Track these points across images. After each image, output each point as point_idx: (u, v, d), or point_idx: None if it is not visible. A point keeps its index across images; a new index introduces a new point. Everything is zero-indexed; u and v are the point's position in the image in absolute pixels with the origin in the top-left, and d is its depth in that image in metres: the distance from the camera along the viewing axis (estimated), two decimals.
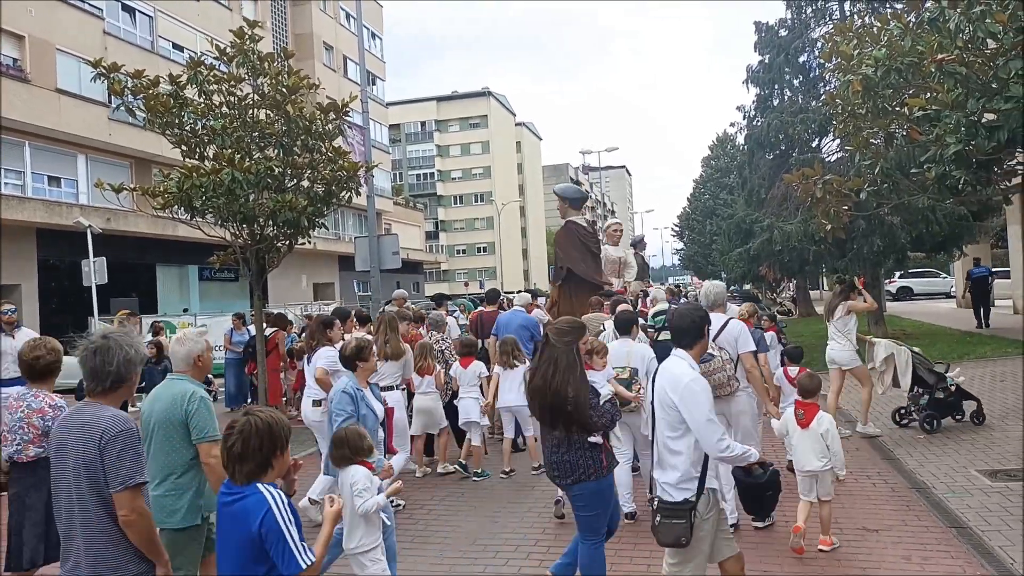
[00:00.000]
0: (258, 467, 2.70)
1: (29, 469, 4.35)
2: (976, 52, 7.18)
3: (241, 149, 9.97)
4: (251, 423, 2.70)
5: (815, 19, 21.25)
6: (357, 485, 4.06)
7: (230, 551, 2.67)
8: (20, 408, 4.37)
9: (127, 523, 2.88)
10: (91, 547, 2.91)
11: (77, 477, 2.91)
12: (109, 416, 2.93)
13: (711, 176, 59.45)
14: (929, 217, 14.86)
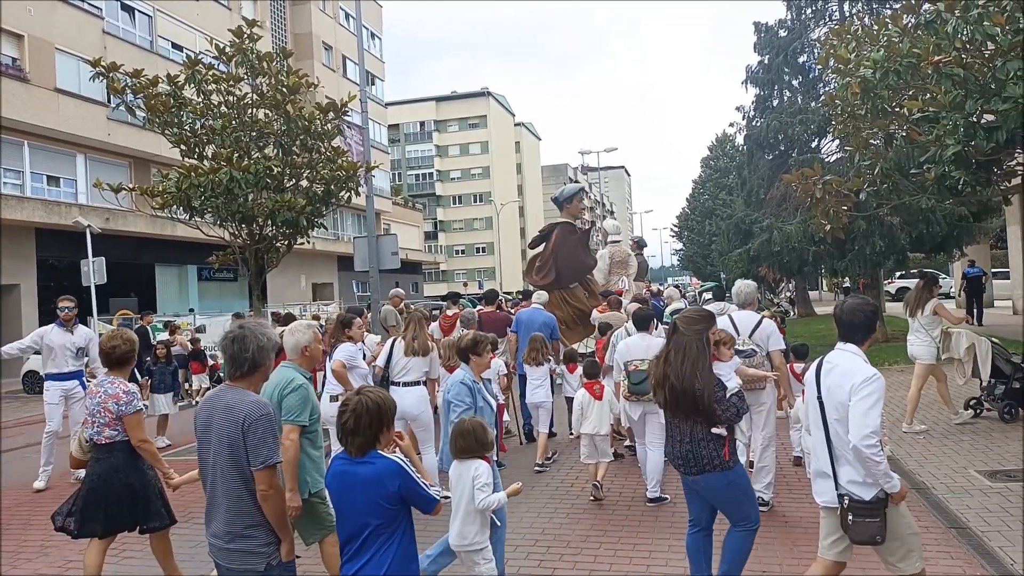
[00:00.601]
0: (367, 441, 3.10)
1: (105, 450, 4.70)
2: (974, 54, 7.20)
3: (240, 149, 9.98)
4: (362, 402, 3.10)
5: (814, 20, 21.28)
6: (480, 479, 4.01)
7: (361, 507, 3.08)
8: (99, 394, 4.72)
9: (264, 498, 3.18)
10: (230, 516, 3.24)
11: (219, 453, 3.22)
12: (251, 401, 3.23)
13: (710, 176, 59.54)
14: (929, 217, 14.87)
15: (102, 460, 4.71)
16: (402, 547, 3.13)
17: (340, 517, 3.19)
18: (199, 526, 6.60)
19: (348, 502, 3.14)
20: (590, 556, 5.40)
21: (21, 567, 5.78)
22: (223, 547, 3.27)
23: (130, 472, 4.73)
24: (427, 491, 3.14)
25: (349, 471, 3.12)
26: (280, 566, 3.28)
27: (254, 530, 3.23)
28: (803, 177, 9.58)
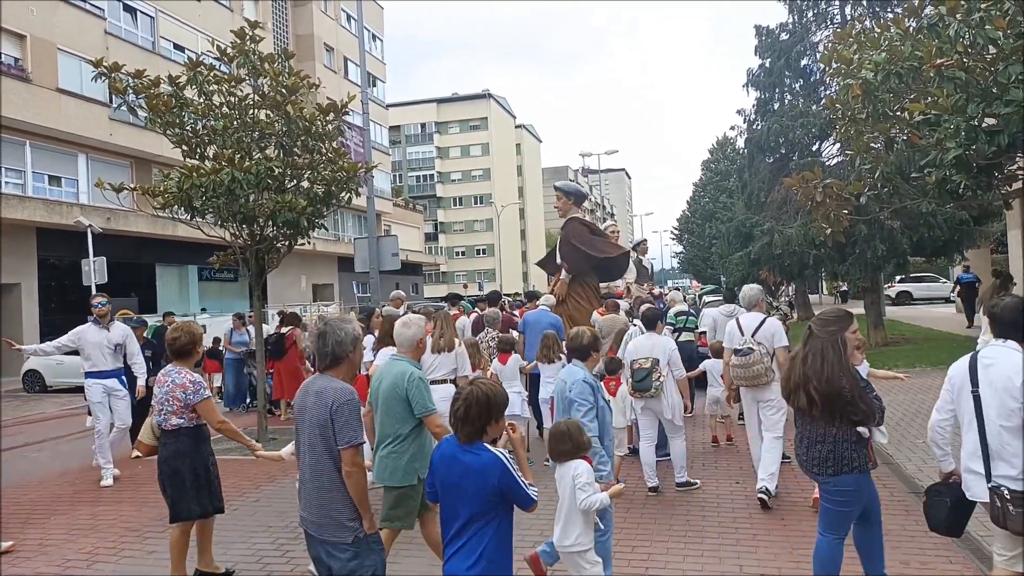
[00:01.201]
0: (475, 431, 3.24)
1: (172, 436, 4.98)
2: (976, 57, 7.20)
3: (241, 149, 9.97)
4: (473, 393, 3.25)
5: (816, 23, 21.29)
6: (581, 478, 4.00)
7: (465, 495, 3.21)
8: (166, 383, 4.98)
9: (348, 474, 3.48)
10: (320, 490, 3.53)
11: (312, 434, 3.53)
12: (338, 387, 3.54)
13: (711, 179, 59.56)
14: (929, 221, 14.88)
15: (168, 445, 5.00)
16: (496, 539, 3.23)
17: (441, 499, 3.37)
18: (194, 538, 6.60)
19: (450, 486, 3.29)
20: None
21: (20, 566, 5.78)
22: (315, 521, 3.56)
23: (194, 457, 5.01)
24: (527, 489, 3.23)
25: (456, 456, 3.28)
26: (366, 538, 3.54)
27: (342, 505, 3.50)
28: (804, 180, 9.57)
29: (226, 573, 5.31)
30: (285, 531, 6.30)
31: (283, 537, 6.18)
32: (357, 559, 3.50)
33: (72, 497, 7.92)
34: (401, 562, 5.49)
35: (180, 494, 4.98)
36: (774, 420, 6.60)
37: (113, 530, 6.62)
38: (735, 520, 6.09)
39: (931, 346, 16.88)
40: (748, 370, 6.49)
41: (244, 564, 5.58)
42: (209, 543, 5.24)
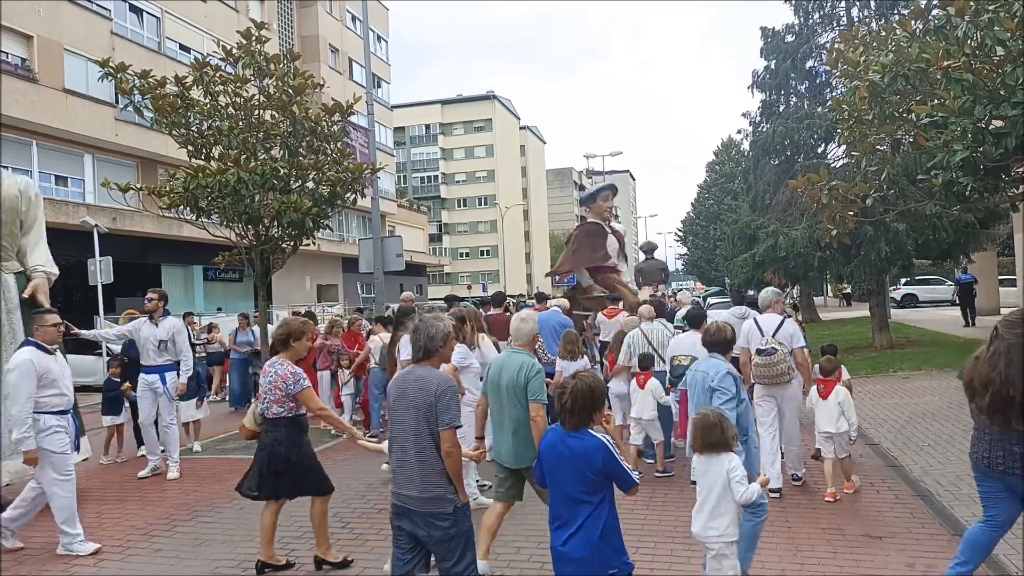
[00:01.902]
0: (581, 420, 3.54)
1: (272, 424, 5.28)
2: (983, 59, 7.17)
3: (247, 150, 10.01)
4: (578, 386, 3.55)
5: (822, 25, 21.23)
6: (735, 473, 4.06)
7: (571, 477, 3.49)
8: (270, 373, 5.31)
9: (447, 453, 3.82)
10: (423, 468, 3.85)
11: (416, 417, 3.87)
12: (439, 376, 3.96)
13: (716, 181, 59.49)
14: (935, 224, 14.81)
15: (269, 432, 5.31)
16: (609, 518, 3.49)
17: (551, 484, 3.63)
18: (202, 525, 6.62)
19: (559, 471, 3.56)
20: None
21: (27, 565, 5.79)
22: (417, 496, 3.87)
23: (290, 445, 5.26)
24: (629, 472, 3.51)
25: (563, 443, 3.56)
26: (463, 507, 3.91)
27: (442, 479, 3.85)
28: (809, 182, 9.55)
29: (344, 561, 5.49)
30: (289, 529, 6.31)
31: (288, 536, 6.18)
32: (455, 526, 3.85)
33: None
34: None
35: (270, 477, 5.25)
36: (795, 414, 7.02)
37: (119, 528, 6.64)
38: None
39: (937, 349, 16.83)
40: (772, 369, 6.76)
41: (250, 561, 5.58)
42: (323, 530, 5.46)
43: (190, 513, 7.05)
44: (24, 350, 5.96)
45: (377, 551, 5.74)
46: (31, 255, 7.82)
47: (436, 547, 3.89)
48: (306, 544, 5.92)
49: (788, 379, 6.82)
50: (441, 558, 3.89)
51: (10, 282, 7.50)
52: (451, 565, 3.85)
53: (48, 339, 6.04)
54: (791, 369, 6.81)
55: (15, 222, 7.70)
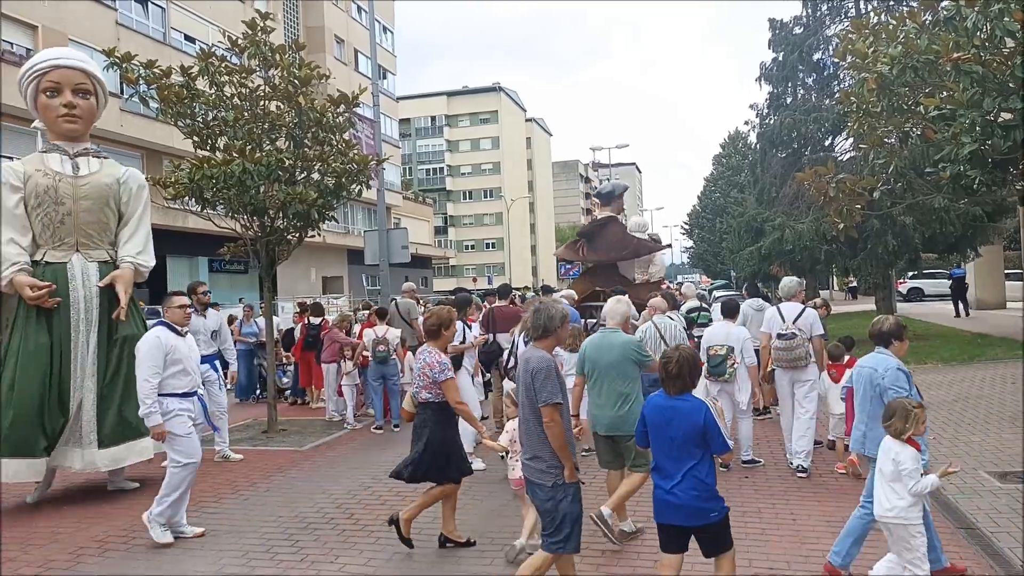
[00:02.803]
0: (684, 385, 4.00)
1: (422, 407, 5.60)
2: (993, 51, 7.11)
3: (252, 140, 9.99)
4: (682, 355, 4.02)
5: (830, 17, 21.14)
6: (904, 466, 4.20)
7: (675, 434, 3.94)
8: (421, 360, 5.63)
9: (548, 427, 4.15)
10: (530, 439, 4.27)
11: (525, 395, 4.28)
12: (539, 356, 4.30)
13: (722, 174, 59.29)
14: (943, 217, 14.76)
15: (419, 415, 5.65)
16: (707, 471, 3.93)
17: (655, 441, 4.06)
18: (208, 516, 6.64)
19: (664, 429, 3.99)
20: (597, 551, 5.39)
21: (32, 554, 5.82)
22: (527, 463, 4.32)
23: (436, 429, 5.51)
24: (724, 437, 4.00)
25: (667, 404, 4.03)
26: (564, 485, 4.16)
27: (544, 451, 4.20)
28: (816, 175, 9.51)
29: (468, 542, 5.65)
30: (296, 521, 6.32)
31: (293, 527, 6.20)
32: (552, 501, 4.15)
33: (83, 486, 7.97)
34: (406, 555, 5.51)
35: (423, 459, 5.50)
36: (810, 398, 7.35)
37: (125, 518, 6.66)
38: (744, 515, 6.07)
39: (942, 343, 16.77)
40: (791, 353, 7.25)
41: (256, 552, 5.60)
42: (452, 512, 5.68)
43: (196, 504, 7.07)
44: (155, 328, 6.13)
45: (383, 542, 5.76)
46: (124, 245, 7.82)
47: (540, 513, 4.29)
48: (309, 535, 5.93)
49: (805, 364, 7.30)
50: (543, 524, 4.27)
51: (91, 270, 7.50)
52: (547, 534, 4.21)
53: (176, 320, 6.23)
54: (809, 355, 7.30)
55: (105, 211, 7.68)
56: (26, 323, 7.23)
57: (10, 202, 7.25)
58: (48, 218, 7.38)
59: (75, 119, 7.59)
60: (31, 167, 7.42)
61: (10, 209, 7.25)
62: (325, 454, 9.12)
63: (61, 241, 7.47)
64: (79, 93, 7.61)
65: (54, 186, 7.36)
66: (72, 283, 7.37)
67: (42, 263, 7.39)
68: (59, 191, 7.37)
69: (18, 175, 7.30)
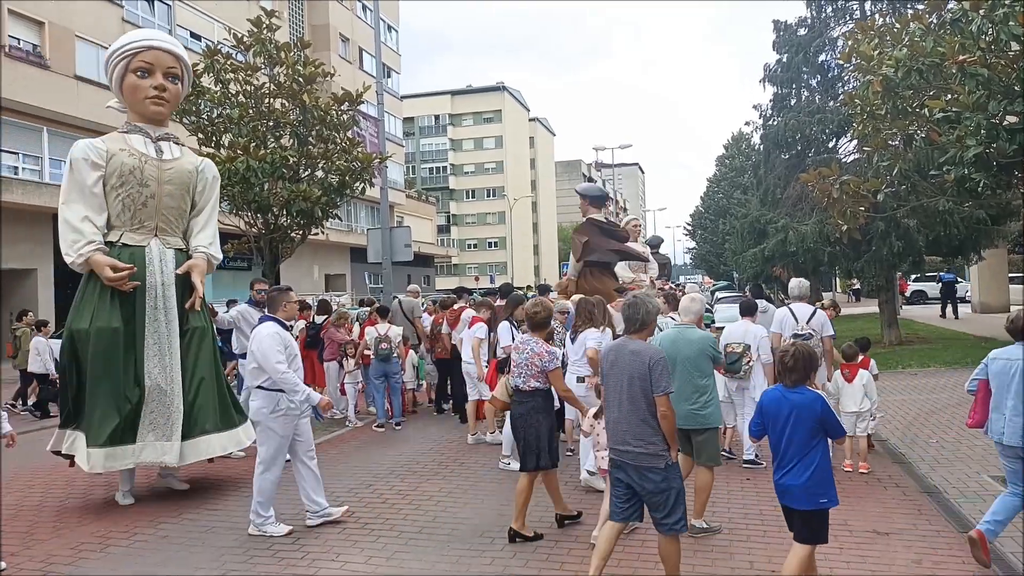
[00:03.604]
0: (801, 377, 4.24)
1: (528, 396, 5.77)
2: (998, 54, 7.10)
3: (256, 138, 10.02)
4: (800, 350, 4.28)
5: (835, 18, 21.09)
6: None
7: (792, 424, 4.18)
8: (526, 351, 5.78)
9: (662, 416, 4.40)
10: (639, 428, 4.45)
11: (631, 385, 4.48)
12: (652, 348, 4.57)
13: (725, 175, 59.24)
14: (947, 220, 14.72)
15: (525, 403, 5.78)
16: (822, 459, 4.16)
17: (772, 431, 4.31)
18: (209, 512, 6.65)
19: (780, 420, 4.23)
20: None
21: (34, 548, 5.83)
22: (633, 451, 4.47)
23: (541, 416, 5.73)
24: (840, 423, 4.36)
25: (785, 397, 4.25)
26: (673, 465, 4.45)
27: (655, 438, 4.42)
28: (820, 177, 9.50)
29: (577, 514, 5.98)
30: (297, 519, 6.33)
31: (295, 525, 6.20)
32: (666, 481, 4.38)
33: (86, 481, 7.98)
34: (409, 551, 5.51)
35: (531, 446, 5.69)
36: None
37: (126, 515, 6.67)
38: (746, 517, 6.07)
39: (944, 346, 16.75)
40: None
41: (256, 549, 5.61)
42: (557, 490, 5.93)
43: (197, 500, 7.09)
44: (268, 324, 6.09)
45: (385, 540, 5.76)
46: (197, 235, 7.75)
47: (649, 498, 4.45)
48: (311, 534, 5.95)
49: (817, 364, 7.20)
50: (654, 508, 4.43)
51: (168, 256, 7.36)
52: (662, 516, 4.39)
53: (289, 315, 6.34)
54: (821, 355, 7.34)
55: (185, 198, 7.59)
56: (97, 306, 6.95)
57: (89, 179, 6.96)
58: (131, 199, 7.14)
59: (163, 102, 7.39)
60: (114, 145, 7.16)
61: (88, 187, 6.97)
62: (327, 452, 9.12)
63: (141, 224, 7.25)
64: (169, 77, 7.42)
65: (140, 167, 7.14)
66: (149, 268, 7.16)
67: (118, 245, 7.13)
68: (144, 172, 7.16)
69: (100, 153, 7.03)
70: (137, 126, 7.36)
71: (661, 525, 4.42)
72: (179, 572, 5.28)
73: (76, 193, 6.97)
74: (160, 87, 7.31)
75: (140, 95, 7.29)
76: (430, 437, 9.41)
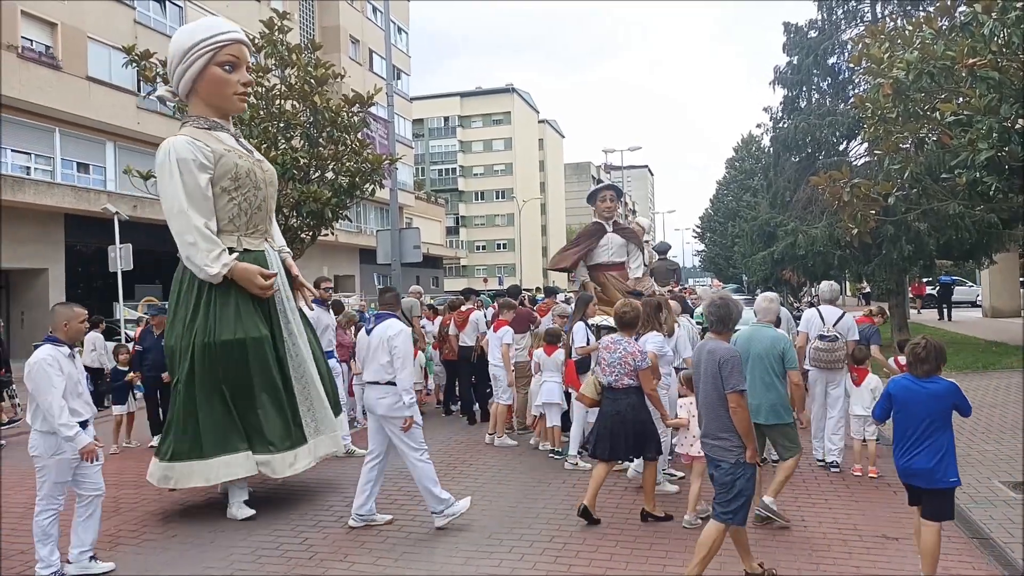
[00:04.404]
0: (932, 368, 4.53)
1: (622, 393, 6.08)
2: (1011, 57, 7.06)
3: (267, 139, 10.06)
4: (930, 343, 4.54)
5: (845, 21, 21.02)
6: None
7: (921, 411, 4.50)
8: (618, 350, 6.10)
9: (733, 411, 4.58)
10: (713, 423, 4.70)
11: (707, 382, 4.71)
12: (726, 347, 4.73)
13: (735, 178, 59.03)
14: (958, 224, 14.63)
15: (618, 400, 6.09)
16: (949, 443, 4.49)
17: (901, 418, 4.61)
18: (217, 512, 6.67)
19: (910, 407, 4.55)
20: (606, 554, 5.39)
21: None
22: (710, 443, 4.75)
23: (637, 412, 6.03)
24: (969, 403, 4.62)
25: (914, 387, 4.57)
26: (744, 464, 4.60)
27: (727, 434, 4.63)
28: (831, 180, 9.45)
29: (666, 516, 6.11)
30: (305, 519, 6.35)
31: (303, 525, 6.22)
32: (731, 475, 4.60)
33: None
34: (418, 553, 5.52)
35: (609, 439, 5.97)
36: (838, 398, 7.65)
37: (134, 514, 6.71)
38: (751, 520, 6.05)
39: (955, 350, 16.65)
40: (831, 354, 7.56)
41: (264, 548, 5.63)
42: (653, 485, 6.18)
43: (205, 499, 7.12)
44: (395, 322, 6.18)
45: (392, 540, 5.77)
46: (278, 237, 7.58)
47: (716, 485, 4.72)
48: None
49: (841, 365, 7.62)
50: (716, 494, 4.73)
51: (276, 258, 7.18)
52: (718, 503, 4.69)
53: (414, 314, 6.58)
54: (846, 357, 7.62)
55: (274, 198, 7.40)
56: (233, 315, 6.54)
57: (201, 182, 6.45)
58: (248, 203, 6.75)
59: (247, 97, 7.17)
60: (216, 145, 6.66)
61: (202, 190, 6.46)
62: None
63: (255, 228, 6.92)
64: (248, 72, 7.18)
65: (253, 169, 6.82)
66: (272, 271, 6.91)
67: (240, 251, 6.73)
68: (257, 175, 6.84)
69: (207, 153, 6.52)
70: (218, 122, 6.93)
71: (714, 509, 4.72)
72: (187, 572, 5.30)
73: (192, 198, 6.43)
74: (247, 83, 7.04)
75: (228, 90, 6.87)
76: (438, 438, 9.42)
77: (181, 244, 6.49)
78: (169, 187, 6.44)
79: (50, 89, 21.58)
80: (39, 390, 5.03)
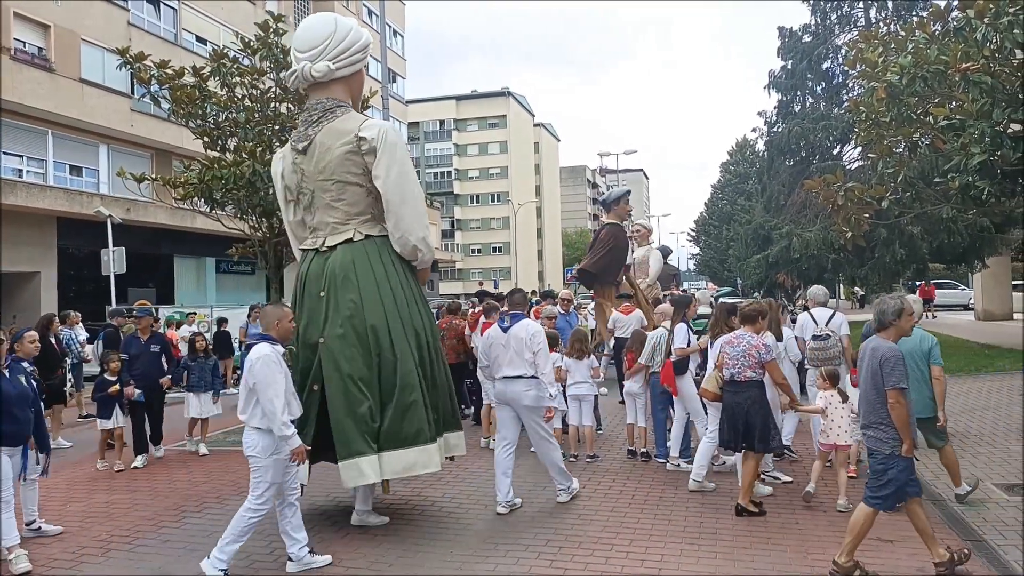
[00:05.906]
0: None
1: (744, 386, 6.26)
2: (1003, 62, 7.11)
3: (263, 142, 10.04)
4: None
5: (840, 25, 21.15)
6: None
7: None
8: (741, 344, 6.32)
9: (892, 407, 4.76)
10: (871, 416, 4.92)
11: (866, 378, 4.93)
12: (888, 346, 4.90)
13: (729, 182, 59.25)
14: (951, 227, 14.72)
15: (740, 392, 6.28)
16: None
17: None
18: (211, 517, 6.65)
19: None
20: (601, 557, 5.38)
21: (35, 552, 5.83)
22: (868, 434, 4.98)
23: (759, 404, 6.19)
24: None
25: None
26: (897, 456, 4.77)
27: (882, 425, 4.85)
28: (825, 184, 9.50)
29: (759, 512, 6.21)
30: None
31: None
32: (883, 465, 4.83)
33: (87, 484, 8.00)
34: (412, 557, 5.51)
35: (762, 429, 6.14)
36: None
37: (128, 518, 6.68)
38: (750, 521, 6.06)
39: (947, 353, 16.68)
40: (825, 352, 7.76)
41: (258, 555, 5.61)
42: (754, 478, 6.32)
43: (199, 505, 7.09)
44: (530, 322, 6.72)
45: (387, 542, 5.75)
46: None
47: (872, 472, 4.94)
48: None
49: (838, 362, 7.76)
50: (868, 480, 4.97)
51: None
52: (869, 488, 4.91)
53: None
54: (840, 353, 7.82)
55: None
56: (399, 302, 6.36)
57: None
58: None
59: None
60: None
61: None
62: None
63: None
64: None
65: None
66: None
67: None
68: None
69: None
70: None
71: (865, 491, 4.95)
72: (180, 575, 5.28)
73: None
74: None
75: (364, 90, 7.49)
76: None
77: (420, 226, 6.45)
78: (409, 168, 6.44)
79: (43, 91, 21.50)
80: (264, 386, 4.94)
